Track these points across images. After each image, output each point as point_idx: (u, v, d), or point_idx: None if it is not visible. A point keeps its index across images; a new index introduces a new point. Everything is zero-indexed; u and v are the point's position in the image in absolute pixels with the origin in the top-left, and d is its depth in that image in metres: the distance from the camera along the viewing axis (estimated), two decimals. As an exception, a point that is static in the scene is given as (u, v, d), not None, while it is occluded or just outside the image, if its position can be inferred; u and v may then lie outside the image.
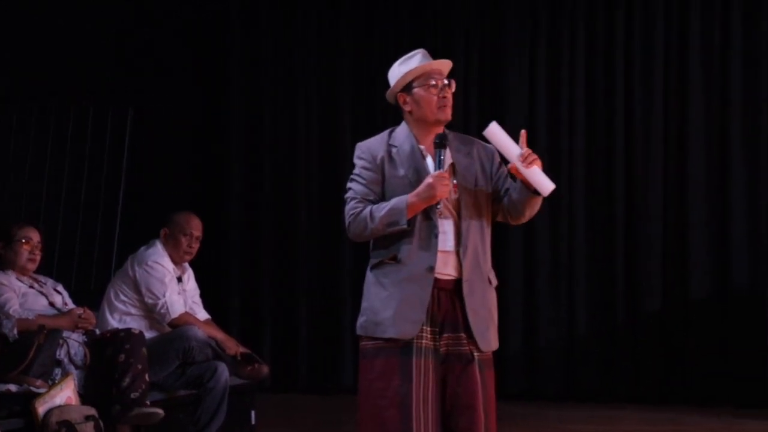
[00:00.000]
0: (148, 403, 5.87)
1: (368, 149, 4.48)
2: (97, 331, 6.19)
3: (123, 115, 8.54)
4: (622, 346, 8.45)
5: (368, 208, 4.36)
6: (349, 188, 4.46)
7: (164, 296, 6.41)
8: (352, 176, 4.47)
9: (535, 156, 4.26)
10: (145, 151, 9.04)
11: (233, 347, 6.54)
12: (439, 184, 4.25)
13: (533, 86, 8.73)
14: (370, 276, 4.47)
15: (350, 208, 4.42)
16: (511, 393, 8.51)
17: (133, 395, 5.81)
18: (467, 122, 8.73)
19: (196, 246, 6.70)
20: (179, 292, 6.57)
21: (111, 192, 8.49)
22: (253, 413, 6.82)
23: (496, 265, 8.62)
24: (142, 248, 6.64)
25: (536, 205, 4.41)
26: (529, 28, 8.79)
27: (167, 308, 6.41)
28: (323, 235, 9.13)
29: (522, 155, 4.27)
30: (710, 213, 8.31)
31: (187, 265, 6.77)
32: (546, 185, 4.30)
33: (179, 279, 6.64)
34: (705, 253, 8.28)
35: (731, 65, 8.28)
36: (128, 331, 6.03)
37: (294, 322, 9.17)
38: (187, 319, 6.46)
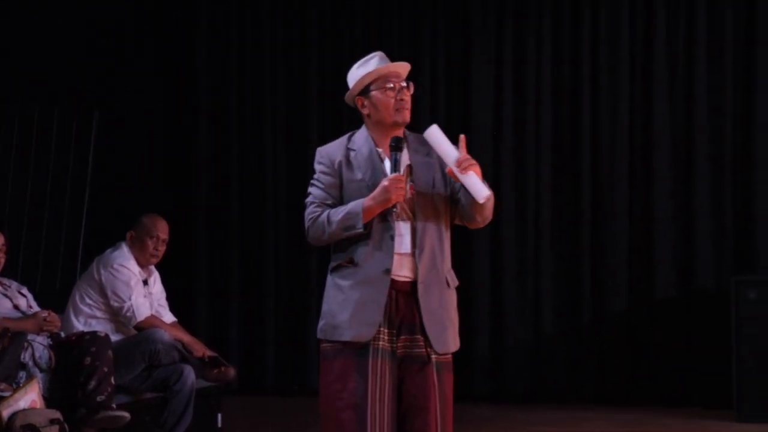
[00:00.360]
0: (113, 406, 5.86)
1: (327, 154, 4.47)
2: (62, 334, 6.16)
3: (88, 118, 8.49)
4: (589, 346, 8.47)
5: (326, 213, 4.36)
6: (309, 193, 4.46)
7: (130, 299, 6.39)
8: (311, 181, 4.47)
9: (472, 161, 4.24)
10: (111, 153, 8.98)
11: (200, 350, 6.53)
12: (394, 187, 4.25)
13: (499, 86, 8.74)
14: (329, 279, 4.46)
15: (309, 212, 4.42)
16: (479, 394, 8.53)
17: (98, 398, 5.79)
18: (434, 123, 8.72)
19: (162, 249, 6.68)
20: (145, 295, 6.55)
21: (77, 194, 8.44)
22: (219, 416, 6.80)
23: (462, 265, 8.69)
24: (108, 251, 6.61)
25: (483, 210, 4.39)
26: (494, 27, 8.79)
27: (133, 311, 6.39)
28: (291, 237, 9.12)
29: (458, 160, 4.25)
30: (675, 211, 8.34)
31: (153, 268, 6.75)
32: (480, 192, 4.27)
33: (145, 282, 6.62)
34: (670, 252, 8.31)
35: (696, 62, 8.31)
36: (94, 334, 6.00)
37: (261, 325, 9.15)
38: (153, 322, 6.44)
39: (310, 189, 4.46)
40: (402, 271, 4.34)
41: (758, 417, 7.46)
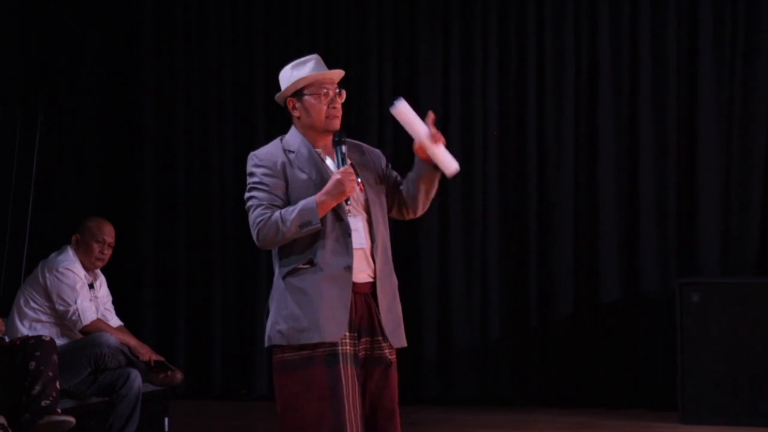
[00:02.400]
0: (59, 410, 5.81)
1: (266, 156, 4.46)
2: (7, 338, 6.10)
3: (33, 120, 8.42)
4: (535, 349, 8.51)
5: (277, 213, 4.32)
6: (251, 197, 4.42)
7: (76, 303, 6.35)
8: (251, 186, 4.43)
9: (441, 136, 4.34)
10: (55, 157, 8.92)
11: (146, 353, 6.49)
12: (347, 179, 4.26)
13: (446, 91, 8.77)
14: (282, 284, 4.37)
15: (257, 215, 4.36)
16: (426, 397, 8.55)
17: (43, 403, 5.74)
18: (381, 122, 8.78)
19: (108, 252, 6.64)
20: (91, 299, 6.51)
21: (20, 197, 8.36)
22: (166, 420, 6.77)
23: (410, 268, 8.80)
24: (53, 254, 6.57)
25: (433, 188, 4.46)
26: (440, 22, 8.81)
27: (79, 315, 6.35)
28: (238, 241, 9.09)
29: (430, 134, 4.32)
30: (619, 215, 8.39)
31: (98, 271, 6.71)
32: (450, 163, 4.36)
33: (91, 285, 6.58)
34: (615, 256, 8.36)
35: (640, 65, 8.37)
36: (39, 338, 5.95)
37: (208, 329, 9.11)
38: (99, 325, 6.40)
39: (251, 194, 4.42)
40: (360, 269, 4.34)
41: (702, 418, 7.54)
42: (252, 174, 4.45)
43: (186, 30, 9.30)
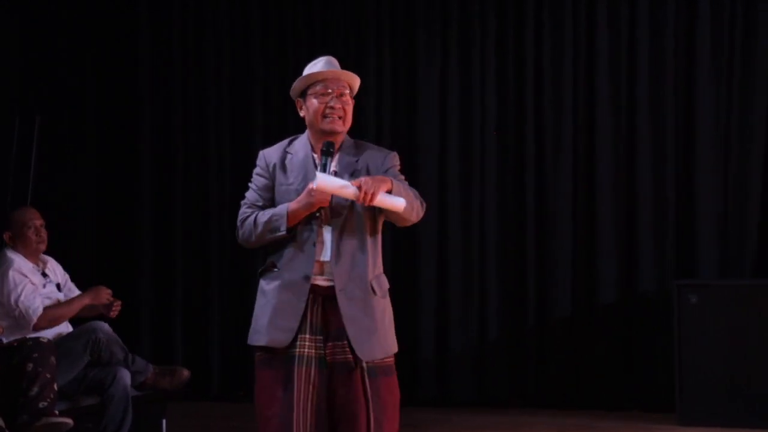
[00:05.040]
0: (56, 412, 5.80)
1: (264, 156, 4.51)
2: (4, 340, 6.09)
3: (30, 121, 8.40)
4: (532, 350, 8.51)
5: (254, 215, 4.40)
6: (244, 195, 4.51)
7: (18, 305, 6.25)
8: (248, 184, 4.52)
9: (369, 188, 4.20)
10: (53, 157, 8.90)
11: (103, 296, 6.41)
12: (318, 192, 4.24)
13: (444, 92, 8.76)
14: (259, 283, 4.49)
15: (240, 214, 4.49)
16: (422, 399, 8.54)
17: (41, 405, 5.74)
18: (379, 126, 8.78)
19: (44, 234, 6.58)
20: (44, 285, 6.43)
21: (18, 198, 8.34)
22: (164, 422, 6.76)
23: (407, 270, 8.77)
24: None
25: (406, 215, 4.39)
26: (439, 29, 8.81)
27: (23, 314, 6.24)
28: (235, 242, 9.02)
29: (358, 196, 4.23)
30: (617, 216, 8.39)
31: (45, 256, 6.65)
32: (395, 207, 4.30)
33: (44, 274, 6.53)
34: (613, 257, 8.36)
35: (638, 66, 8.38)
36: (36, 339, 5.95)
37: (207, 330, 9.11)
38: (49, 314, 6.29)
39: (246, 192, 4.52)
40: (324, 276, 4.34)
41: (700, 420, 7.54)
42: (253, 172, 4.51)
43: (184, 31, 9.31)
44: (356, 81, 4.55)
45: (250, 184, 4.51)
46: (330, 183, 4.26)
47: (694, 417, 7.56)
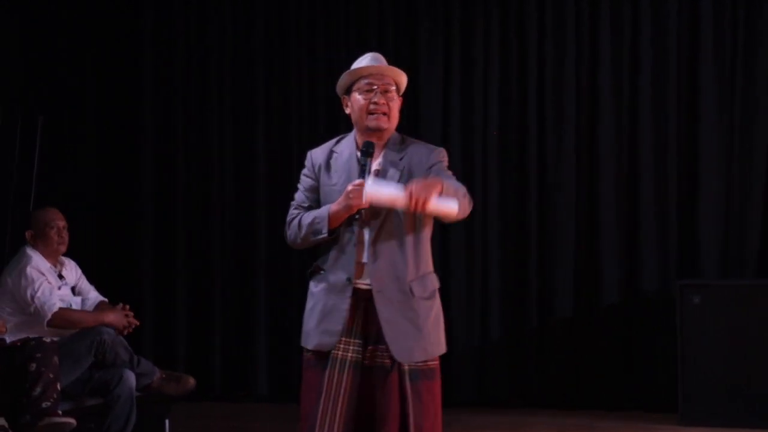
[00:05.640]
0: (59, 412, 5.80)
1: (311, 157, 4.49)
2: (8, 340, 6.10)
3: (33, 122, 8.41)
4: (534, 350, 8.51)
5: (300, 216, 4.37)
6: (293, 195, 4.50)
7: (34, 300, 6.27)
8: (298, 184, 4.51)
9: (421, 197, 4.11)
10: (55, 158, 8.91)
11: (120, 321, 6.43)
12: (355, 194, 4.22)
13: (447, 92, 8.76)
14: (309, 285, 4.49)
15: (288, 215, 4.44)
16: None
17: (44, 405, 5.74)
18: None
19: (66, 235, 6.60)
20: (59, 287, 6.46)
21: (21, 199, 8.35)
22: (167, 422, 6.76)
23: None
24: (14, 259, 6.54)
25: (445, 218, 4.37)
26: (442, 29, 8.81)
27: (38, 310, 6.26)
28: (238, 241, 9.10)
29: (409, 206, 4.14)
30: (620, 216, 8.39)
31: (64, 258, 6.67)
32: (448, 213, 4.25)
33: (60, 275, 6.55)
34: (615, 257, 8.36)
35: (641, 65, 8.38)
36: (39, 339, 5.95)
37: (209, 331, 9.10)
38: (63, 314, 6.31)
39: (295, 193, 4.51)
40: (366, 279, 4.32)
41: (701, 420, 7.53)
42: (301, 172, 4.53)
43: (185, 30, 9.30)
44: (402, 77, 4.52)
45: (298, 185, 4.50)
46: (380, 196, 4.21)
47: (696, 417, 7.56)
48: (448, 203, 4.23)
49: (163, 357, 8.61)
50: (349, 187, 4.26)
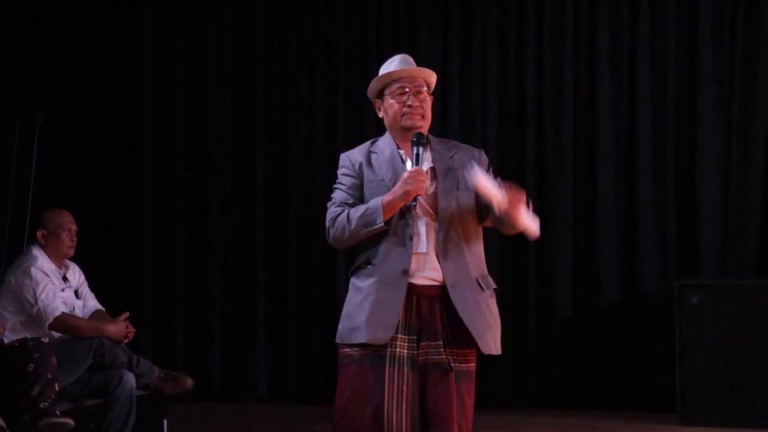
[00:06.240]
0: (57, 413, 5.80)
1: (349, 157, 4.46)
2: (5, 340, 6.10)
3: (32, 121, 8.41)
4: (534, 351, 8.51)
5: (346, 211, 4.31)
6: (331, 197, 4.44)
7: (37, 302, 6.28)
8: (334, 186, 4.46)
9: (517, 198, 4.18)
10: (54, 158, 8.91)
11: (119, 334, 6.43)
12: (414, 180, 4.19)
13: (445, 92, 8.76)
14: (350, 283, 4.40)
15: (330, 214, 4.37)
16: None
17: (42, 405, 5.74)
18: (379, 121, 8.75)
19: (75, 240, 6.62)
20: (64, 289, 6.46)
21: (19, 199, 8.35)
22: (165, 422, 6.76)
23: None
24: (19, 258, 6.54)
25: (513, 232, 4.38)
26: (441, 29, 8.81)
27: (41, 312, 6.27)
28: (237, 241, 9.11)
29: (503, 201, 4.19)
30: (619, 217, 8.40)
31: (68, 261, 6.67)
32: (533, 230, 4.27)
33: (64, 278, 6.56)
34: (614, 258, 8.36)
35: (639, 75, 8.38)
36: (37, 339, 5.94)
37: (208, 331, 9.11)
38: (65, 320, 6.31)
39: (333, 194, 4.45)
40: (424, 273, 4.28)
41: (701, 420, 7.54)
42: (337, 175, 4.48)
43: (187, 31, 9.31)
44: (433, 77, 4.51)
45: (336, 186, 4.45)
46: (485, 181, 4.23)
47: (695, 417, 7.56)
48: (533, 221, 4.29)
49: (162, 357, 8.61)
50: (405, 175, 4.21)
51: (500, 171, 8.46)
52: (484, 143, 8.67)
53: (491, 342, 4.34)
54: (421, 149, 4.30)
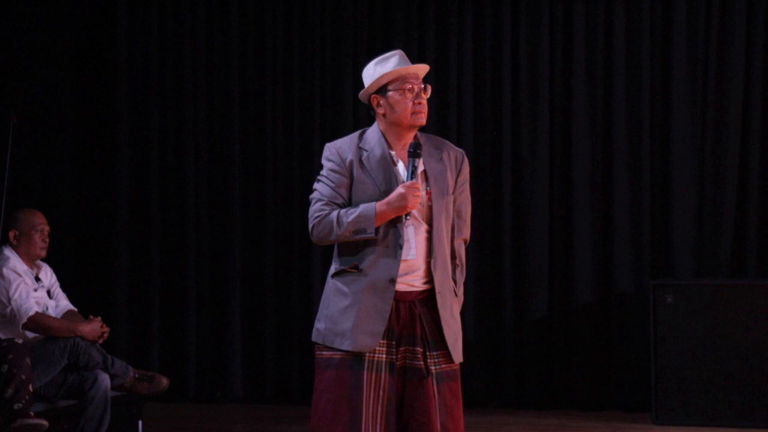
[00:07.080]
0: (31, 414, 5.78)
1: (337, 151, 4.39)
2: (-20, 342, 6.07)
3: (5, 121, 8.36)
4: (509, 351, 8.52)
5: (335, 213, 4.27)
6: (315, 189, 4.39)
7: (10, 302, 6.25)
8: (318, 177, 4.40)
9: None
10: (28, 157, 8.86)
11: (93, 333, 6.41)
12: (411, 195, 4.21)
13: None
14: (330, 283, 4.37)
15: (315, 210, 4.33)
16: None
17: (16, 406, 5.72)
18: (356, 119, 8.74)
19: (47, 240, 6.61)
20: (36, 289, 6.44)
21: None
22: (140, 423, 6.74)
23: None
24: None
25: None
26: (416, 22, 8.81)
27: (15, 312, 6.24)
28: (213, 241, 9.08)
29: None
30: (594, 216, 8.40)
31: (41, 262, 6.66)
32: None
33: (37, 278, 6.54)
34: (589, 257, 8.38)
35: (614, 72, 8.40)
36: (11, 340, 5.92)
37: (183, 331, 9.07)
38: (38, 319, 6.29)
39: (317, 185, 4.39)
40: (405, 279, 4.29)
41: (675, 419, 7.59)
42: (322, 165, 4.42)
43: (161, 29, 9.25)
44: (426, 72, 4.56)
45: (321, 179, 4.38)
46: None
47: (669, 416, 7.60)
48: None
49: (137, 358, 8.59)
50: (402, 190, 4.22)
51: (474, 170, 8.57)
52: (459, 145, 8.66)
53: (460, 350, 4.41)
54: (416, 161, 4.31)
